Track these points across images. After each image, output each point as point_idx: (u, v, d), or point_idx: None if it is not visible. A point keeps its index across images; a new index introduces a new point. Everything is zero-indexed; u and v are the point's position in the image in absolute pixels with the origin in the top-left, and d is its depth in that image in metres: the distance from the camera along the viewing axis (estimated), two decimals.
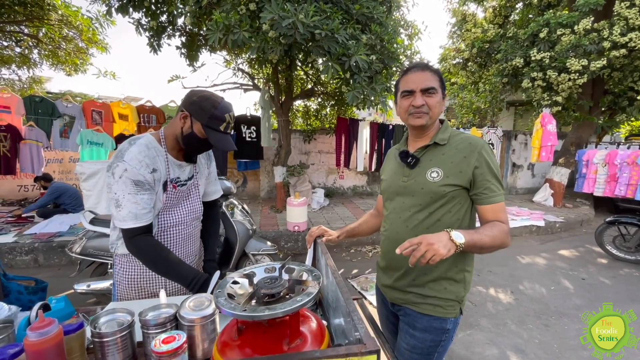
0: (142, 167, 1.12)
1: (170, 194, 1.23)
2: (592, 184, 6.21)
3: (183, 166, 1.28)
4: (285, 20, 3.16)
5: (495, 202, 1.05)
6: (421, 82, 1.08)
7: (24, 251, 3.92)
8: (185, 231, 1.31)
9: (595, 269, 4.00)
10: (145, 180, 1.13)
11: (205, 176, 1.40)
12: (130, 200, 1.10)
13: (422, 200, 1.10)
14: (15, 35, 6.75)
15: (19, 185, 6.39)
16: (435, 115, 1.12)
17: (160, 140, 1.22)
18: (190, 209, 1.31)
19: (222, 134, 1.18)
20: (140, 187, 1.12)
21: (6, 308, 1.12)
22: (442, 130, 1.15)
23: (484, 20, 8.22)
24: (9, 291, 1.27)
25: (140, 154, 1.13)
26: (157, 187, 1.19)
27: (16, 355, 0.78)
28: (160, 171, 1.19)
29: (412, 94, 1.10)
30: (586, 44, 5.28)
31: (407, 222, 1.14)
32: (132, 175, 1.10)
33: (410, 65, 1.16)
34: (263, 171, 6.99)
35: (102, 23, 6.64)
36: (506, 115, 10.64)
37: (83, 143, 4.74)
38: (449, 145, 1.12)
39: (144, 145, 1.16)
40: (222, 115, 1.16)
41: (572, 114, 6.58)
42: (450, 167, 1.07)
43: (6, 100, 4.61)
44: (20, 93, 6.86)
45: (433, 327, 1.13)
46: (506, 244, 1.03)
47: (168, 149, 1.22)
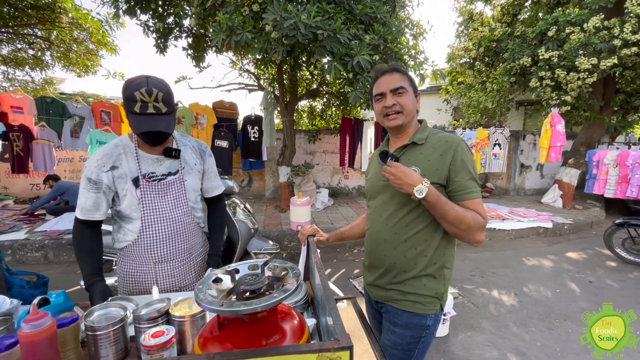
0: (96, 166, 1.20)
1: (145, 189, 1.24)
2: (603, 185, 6.07)
3: (161, 161, 1.27)
4: (287, 21, 3.18)
5: (471, 198, 1.06)
6: (390, 84, 1.13)
7: (35, 248, 4.04)
8: (174, 227, 1.29)
9: (604, 272, 3.92)
10: (97, 179, 1.20)
11: (197, 171, 1.38)
12: (83, 194, 1.22)
13: (400, 199, 1.13)
14: (28, 37, 6.95)
15: (31, 184, 6.57)
16: (410, 113, 1.14)
17: (132, 137, 1.26)
18: (175, 204, 1.29)
19: (138, 116, 1.11)
20: (92, 185, 1.21)
21: (8, 302, 1.17)
22: (420, 130, 1.18)
23: (492, 18, 8.11)
24: (11, 285, 1.32)
25: (100, 153, 1.22)
26: (120, 184, 1.22)
27: (11, 346, 0.82)
28: (125, 167, 1.22)
29: (383, 96, 1.15)
30: (596, 42, 5.17)
31: (386, 221, 1.17)
32: (86, 172, 1.21)
33: (379, 70, 1.19)
34: (268, 171, 7.04)
35: (111, 25, 6.79)
36: (515, 115, 10.48)
37: (92, 143, 4.84)
38: (426, 144, 1.14)
39: (112, 144, 1.25)
40: (131, 95, 1.09)
41: (582, 114, 6.45)
42: (427, 165, 1.09)
43: (19, 101, 4.75)
44: (33, 94, 7.04)
45: (413, 324, 1.15)
46: (475, 236, 1.05)
47: (139, 144, 1.25)
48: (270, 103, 5.32)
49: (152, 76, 1.15)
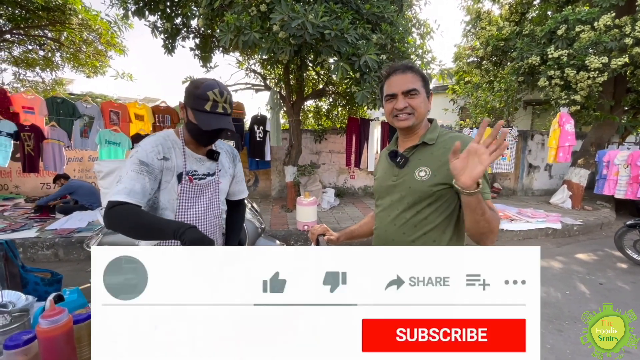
0: (152, 152, 1.17)
1: (185, 186, 1.24)
2: (613, 185, 5.98)
3: (203, 161, 1.30)
4: (295, 20, 3.19)
5: (484, 199, 1.03)
6: (402, 85, 1.09)
7: (45, 246, 4.10)
8: (205, 228, 1.31)
9: (614, 273, 3.86)
10: (151, 163, 1.15)
11: (230, 175, 1.41)
12: (132, 177, 1.11)
13: (409, 199, 1.11)
14: (39, 39, 7.06)
15: (41, 183, 6.67)
16: (421, 115, 1.12)
17: (179, 134, 1.27)
18: (208, 205, 1.31)
19: (209, 114, 1.14)
20: (145, 167, 1.14)
21: (23, 298, 1.19)
22: (430, 129, 1.16)
23: (500, 17, 8.04)
24: (26, 282, 1.34)
25: (154, 141, 1.20)
26: (167, 176, 1.21)
27: (29, 342, 0.83)
28: (174, 161, 1.22)
29: (394, 97, 1.11)
30: (607, 41, 5.09)
31: (395, 221, 1.15)
32: (140, 155, 1.15)
33: (391, 68, 1.15)
34: (274, 170, 7.06)
35: (120, 26, 6.86)
36: (523, 115, 10.37)
37: (101, 142, 4.90)
38: (437, 144, 1.12)
39: (161, 136, 1.24)
40: (204, 94, 1.12)
41: (592, 114, 6.36)
42: (438, 165, 1.08)
43: (30, 101, 4.83)
44: (43, 95, 7.15)
45: None
46: (493, 238, 1.00)
47: (185, 142, 1.27)
48: (277, 103, 5.33)
49: (218, 80, 1.21)
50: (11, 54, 7.37)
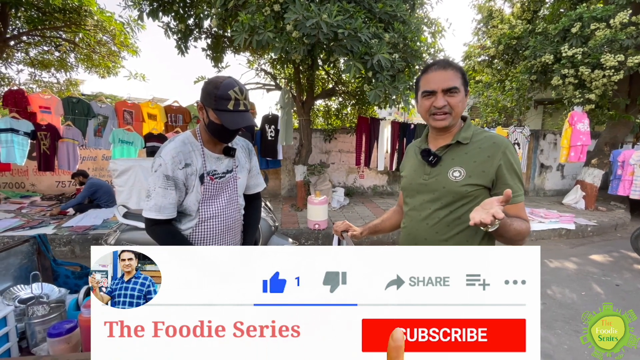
0: (174, 163, 1.20)
1: (207, 186, 1.28)
2: (628, 186, 5.87)
3: (221, 159, 1.32)
4: (309, 20, 3.21)
5: (517, 202, 1.04)
6: (443, 82, 1.04)
7: (62, 242, 4.19)
8: (226, 223, 1.35)
9: (631, 275, 3.80)
10: (175, 176, 1.20)
11: (247, 170, 1.44)
12: (160, 194, 1.20)
13: (443, 199, 1.09)
14: (54, 40, 7.20)
15: (57, 181, 6.81)
16: (458, 114, 1.10)
17: (196, 135, 1.29)
18: (229, 201, 1.35)
19: (233, 113, 1.17)
20: (171, 182, 1.20)
21: (57, 290, 1.23)
22: (464, 128, 1.13)
23: (512, 15, 7.95)
24: (57, 275, 1.38)
25: (174, 150, 1.22)
26: (191, 180, 1.24)
27: (71, 330, 0.86)
28: (195, 165, 1.25)
29: (433, 94, 1.06)
30: (623, 39, 5.00)
31: (426, 220, 1.14)
32: (165, 170, 1.19)
33: (432, 62, 1.12)
34: (284, 170, 7.09)
35: (133, 27, 6.96)
36: (534, 114, 10.23)
37: (115, 141, 4.99)
38: (471, 144, 1.09)
39: (180, 141, 1.25)
40: (225, 94, 1.15)
41: (606, 113, 6.25)
42: (473, 166, 1.06)
43: (47, 101, 4.93)
44: (58, 95, 7.30)
45: None
46: (523, 242, 1.02)
47: (204, 142, 1.29)
48: (288, 102, 5.36)
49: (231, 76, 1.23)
50: (28, 55, 7.54)
